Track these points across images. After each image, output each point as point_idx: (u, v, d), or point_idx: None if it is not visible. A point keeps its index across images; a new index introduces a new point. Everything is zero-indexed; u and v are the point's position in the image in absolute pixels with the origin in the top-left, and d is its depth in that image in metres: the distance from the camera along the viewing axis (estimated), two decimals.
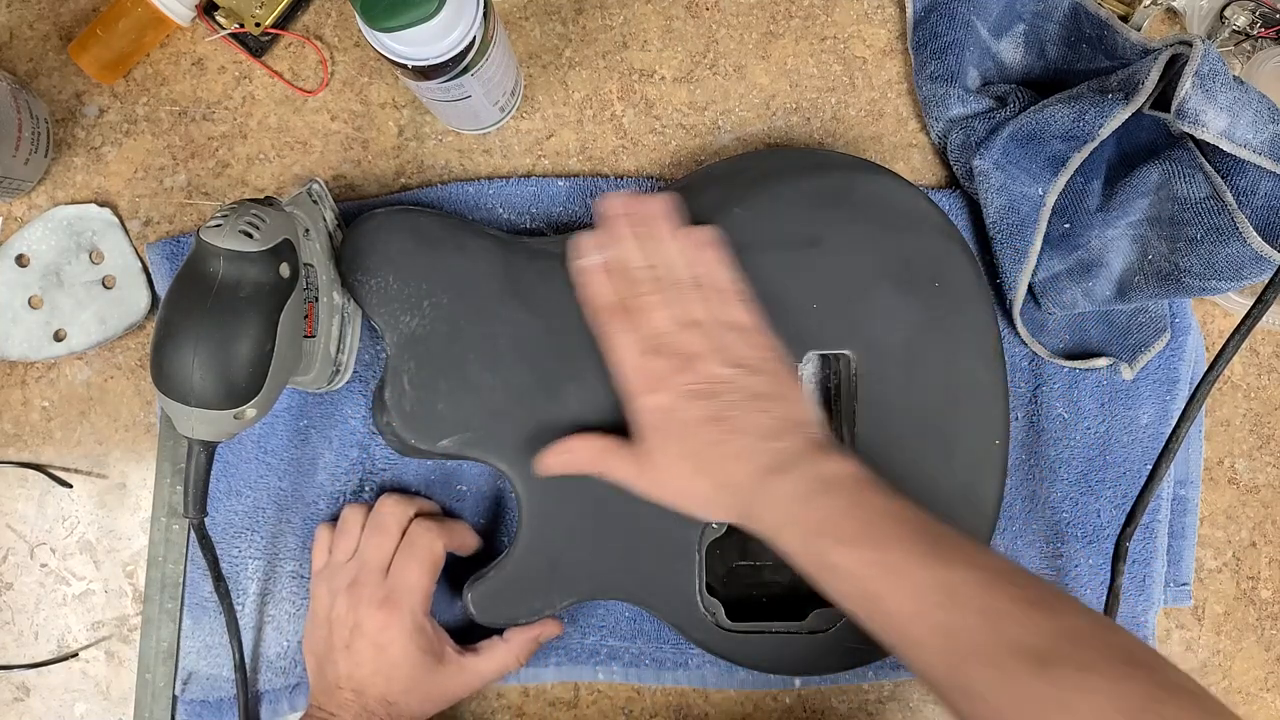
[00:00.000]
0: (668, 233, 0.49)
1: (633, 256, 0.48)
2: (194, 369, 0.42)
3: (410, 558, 0.51)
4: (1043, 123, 0.53)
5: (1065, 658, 0.36)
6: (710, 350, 0.46)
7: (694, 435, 0.46)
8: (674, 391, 0.46)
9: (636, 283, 0.48)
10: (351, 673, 0.50)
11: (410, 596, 0.50)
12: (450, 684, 0.52)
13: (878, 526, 0.42)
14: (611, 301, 0.48)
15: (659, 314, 0.47)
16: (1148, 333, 0.58)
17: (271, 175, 0.59)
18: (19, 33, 0.58)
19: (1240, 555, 0.62)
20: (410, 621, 0.50)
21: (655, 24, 0.60)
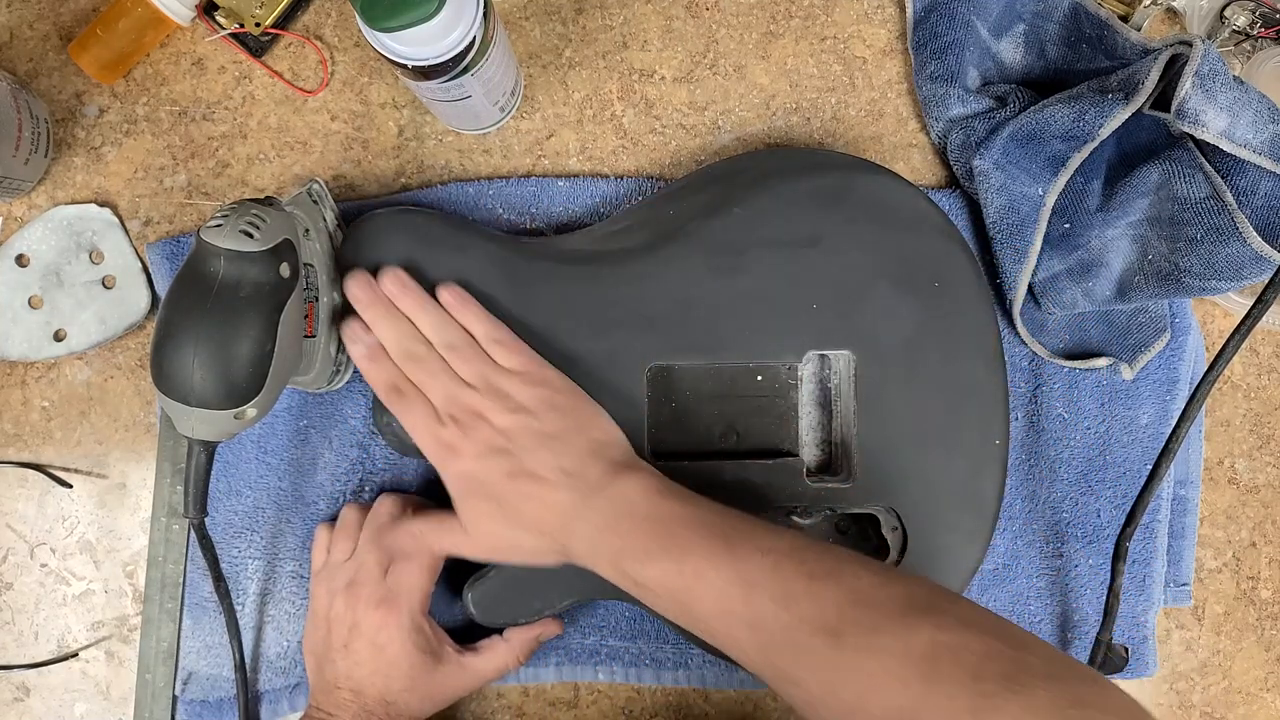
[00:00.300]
0: (417, 305, 0.50)
1: (391, 337, 0.49)
2: (194, 369, 0.42)
3: (407, 559, 0.51)
4: (1043, 123, 0.53)
5: (854, 624, 0.37)
6: (490, 404, 0.48)
7: (500, 494, 0.47)
8: (470, 455, 0.47)
9: (404, 360, 0.49)
10: (350, 672, 0.50)
11: (409, 597, 0.50)
12: (449, 683, 0.52)
13: (674, 536, 0.43)
14: (389, 385, 0.49)
15: (433, 384, 0.48)
16: (1148, 333, 0.58)
17: (271, 175, 0.59)
18: (19, 33, 0.58)
19: (1240, 555, 0.62)
20: (409, 621, 0.50)
21: (655, 24, 0.60)
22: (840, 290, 0.52)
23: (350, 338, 0.50)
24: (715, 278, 0.52)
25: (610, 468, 0.47)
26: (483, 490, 0.47)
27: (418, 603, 0.51)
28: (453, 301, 0.50)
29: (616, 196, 0.58)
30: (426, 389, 0.49)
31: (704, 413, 0.55)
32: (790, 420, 0.55)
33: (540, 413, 0.48)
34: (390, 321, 0.49)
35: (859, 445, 0.52)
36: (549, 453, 0.47)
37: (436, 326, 0.50)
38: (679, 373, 0.55)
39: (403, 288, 0.50)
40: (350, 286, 0.50)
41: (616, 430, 0.49)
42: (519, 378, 0.49)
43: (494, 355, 0.49)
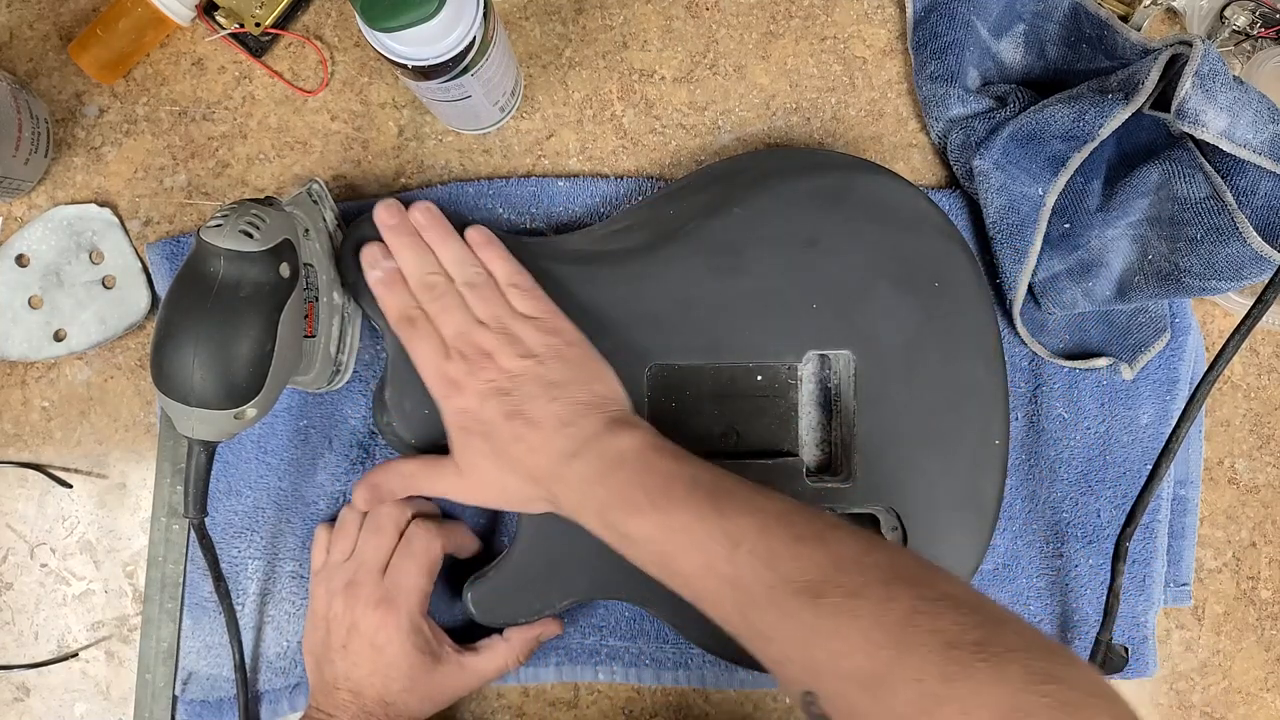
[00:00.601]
0: (441, 238, 0.50)
1: (412, 265, 0.49)
2: (194, 369, 0.42)
3: (408, 558, 0.51)
4: (1043, 123, 0.53)
5: (835, 586, 0.37)
6: (501, 346, 0.48)
7: (496, 434, 0.47)
8: (472, 392, 0.47)
9: (421, 290, 0.49)
10: (349, 673, 0.50)
11: (407, 597, 0.50)
12: (449, 683, 0.52)
13: (665, 492, 0.43)
14: (401, 313, 0.49)
15: (446, 318, 0.48)
16: (1148, 333, 0.58)
17: (271, 175, 0.59)
18: (19, 33, 0.58)
19: (1240, 555, 0.62)
20: (407, 622, 0.50)
21: (655, 24, 0.60)
22: (840, 290, 0.52)
23: (369, 261, 0.50)
24: (715, 278, 0.52)
25: (607, 422, 0.46)
26: (479, 428, 0.47)
27: (416, 603, 0.51)
28: (478, 240, 0.50)
29: (616, 196, 0.58)
30: (439, 321, 0.49)
31: (704, 413, 0.55)
32: (790, 420, 0.55)
33: (547, 360, 0.48)
34: (413, 250, 0.49)
35: (859, 445, 0.52)
36: (549, 400, 0.47)
37: (458, 262, 0.50)
38: (679, 373, 0.55)
39: (431, 219, 0.50)
40: (379, 211, 0.50)
41: (619, 388, 0.49)
42: (532, 323, 0.49)
43: (511, 298, 0.49)
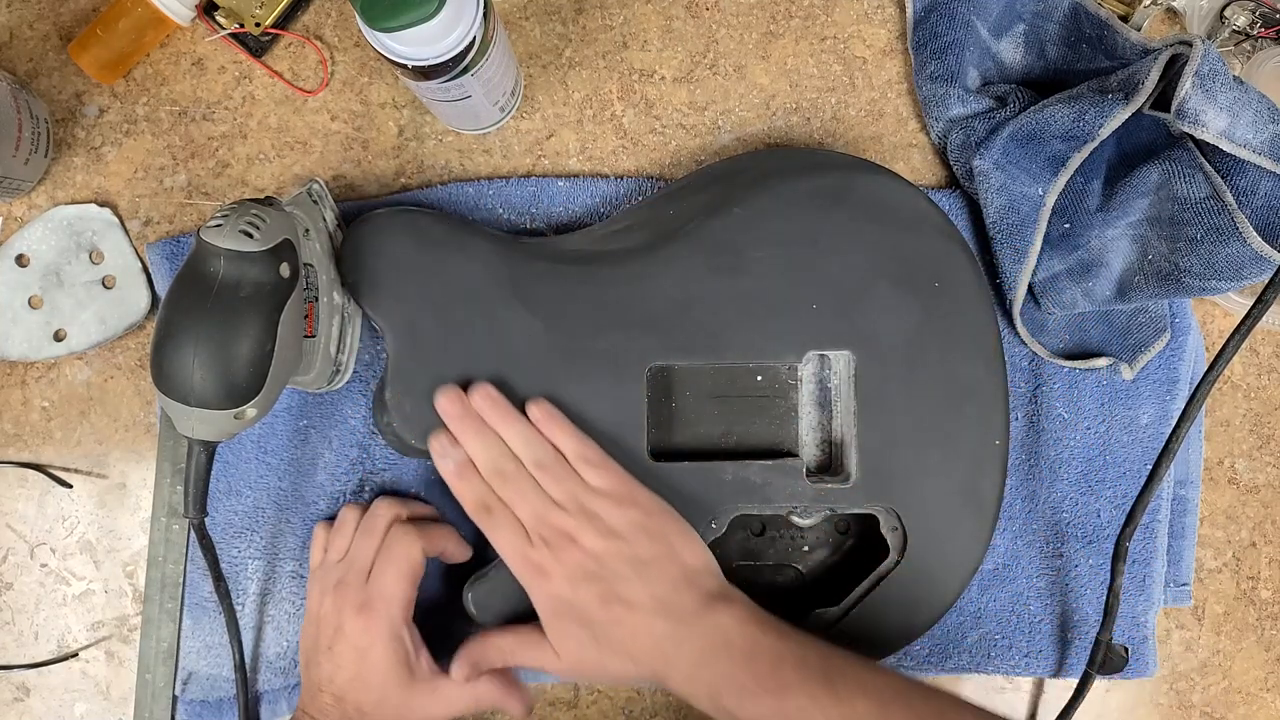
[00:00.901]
0: (505, 419, 0.49)
1: (480, 453, 0.49)
2: (194, 369, 0.42)
3: (387, 563, 0.50)
4: (1043, 123, 0.53)
5: None
6: (582, 526, 0.47)
7: (593, 620, 0.46)
8: (561, 578, 0.46)
9: (493, 476, 0.49)
10: (333, 676, 0.49)
11: (387, 604, 0.49)
12: (417, 704, 0.50)
13: (774, 674, 0.43)
14: (478, 502, 0.49)
15: (523, 503, 0.48)
16: (1148, 333, 0.58)
17: (271, 175, 0.59)
18: (19, 33, 0.58)
19: (1240, 555, 0.62)
20: (387, 628, 0.49)
21: (655, 24, 0.60)
22: (840, 290, 0.52)
23: (439, 453, 0.49)
24: (715, 278, 0.52)
25: (704, 597, 0.46)
26: (574, 614, 0.46)
27: (398, 610, 0.49)
28: (542, 417, 0.50)
29: (616, 196, 0.58)
30: (515, 507, 0.48)
31: (704, 413, 0.55)
32: (790, 420, 0.55)
33: (632, 537, 0.47)
34: (480, 437, 0.49)
35: (859, 445, 0.52)
36: (642, 580, 0.46)
37: (526, 443, 0.49)
38: (679, 373, 0.55)
39: (493, 403, 0.49)
40: (440, 401, 0.49)
41: (706, 554, 0.48)
42: (609, 499, 0.48)
43: (584, 474, 0.48)
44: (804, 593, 0.56)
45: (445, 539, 0.53)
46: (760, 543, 0.56)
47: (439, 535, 0.53)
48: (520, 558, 0.47)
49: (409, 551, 0.50)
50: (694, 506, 0.52)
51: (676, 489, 0.51)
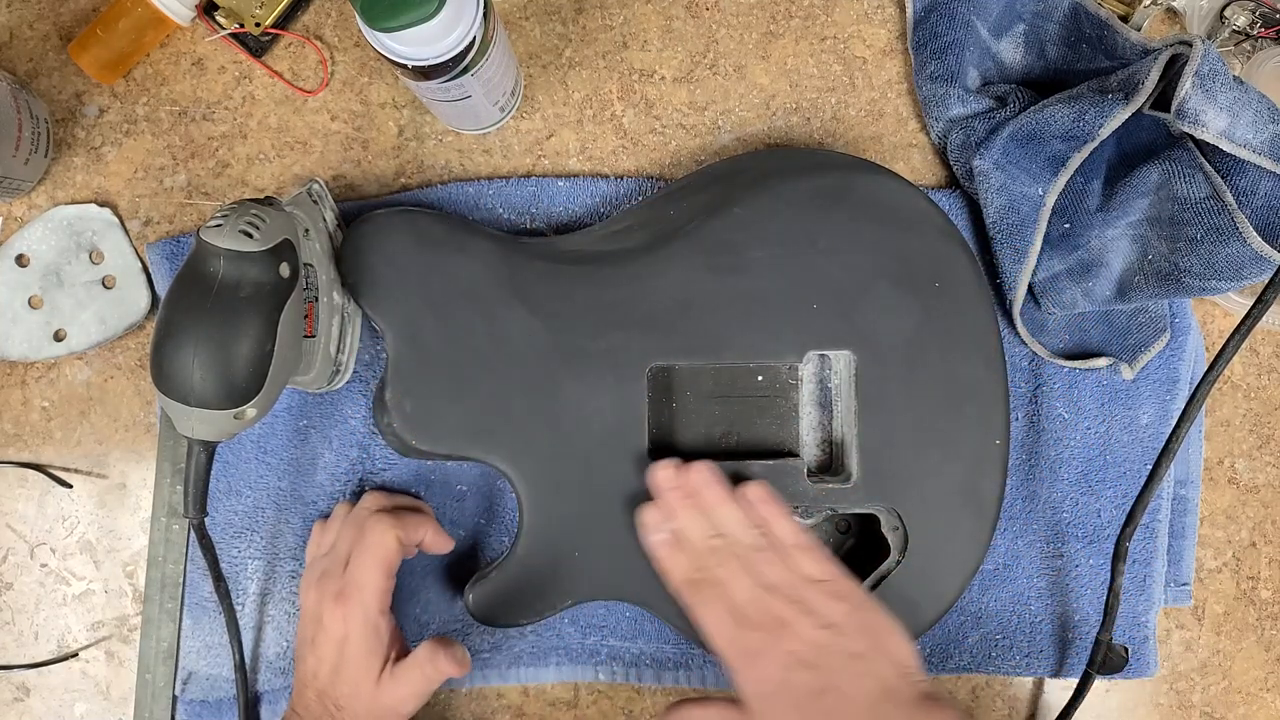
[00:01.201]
0: (721, 498, 0.49)
1: (694, 529, 0.48)
2: (194, 369, 0.42)
3: (361, 552, 0.50)
4: (1043, 123, 0.53)
5: None
6: (798, 614, 0.46)
7: (807, 710, 0.44)
8: (774, 664, 0.45)
9: (706, 554, 0.47)
10: (316, 670, 0.49)
11: (361, 593, 0.49)
12: (386, 699, 0.49)
13: None
14: (687, 577, 0.48)
15: (736, 584, 0.46)
16: (1148, 333, 0.58)
17: (271, 175, 0.59)
18: (19, 33, 0.58)
19: (1240, 555, 0.62)
20: (361, 617, 0.49)
21: (655, 24, 0.60)
22: (840, 290, 0.52)
23: (652, 525, 0.49)
24: (715, 278, 0.52)
25: (919, 698, 0.44)
26: (789, 703, 0.44)
27: (371, 598, 0.49)
28: (759, 497, 0.49)
29: (616, 196, 0.58)
30: (729, 587, 0.47)
31: (704, 413, 0.55)
32: (790, 420, 0.55)
33: (848, 630, 0.45)
34: (694, 513, 0.48)
35: (859, 445, 0.52)
36: (857, 675, 0.44)
37: (741, 525, 0.48)
38: (679, 373, 0.55)
39: (710, 480, 0.49)
40: (659, 474, 0.49)
41: (910, 648, 0.47)
42: (823, 588, 0.46)
43: (799, 561, 0.47)
44: None
45: (423, 528, 0.52)
46: None
47: (416, 524, 0.52)
48: (730, 639, 0.46)
49: (383, 539, 0.50)
50: None
51: None
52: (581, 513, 0.51)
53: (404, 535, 0.51)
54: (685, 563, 0.48)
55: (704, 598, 0.47)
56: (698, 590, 0.47)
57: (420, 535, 0.52)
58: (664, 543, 0.49)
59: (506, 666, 0.57)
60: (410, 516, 0.52)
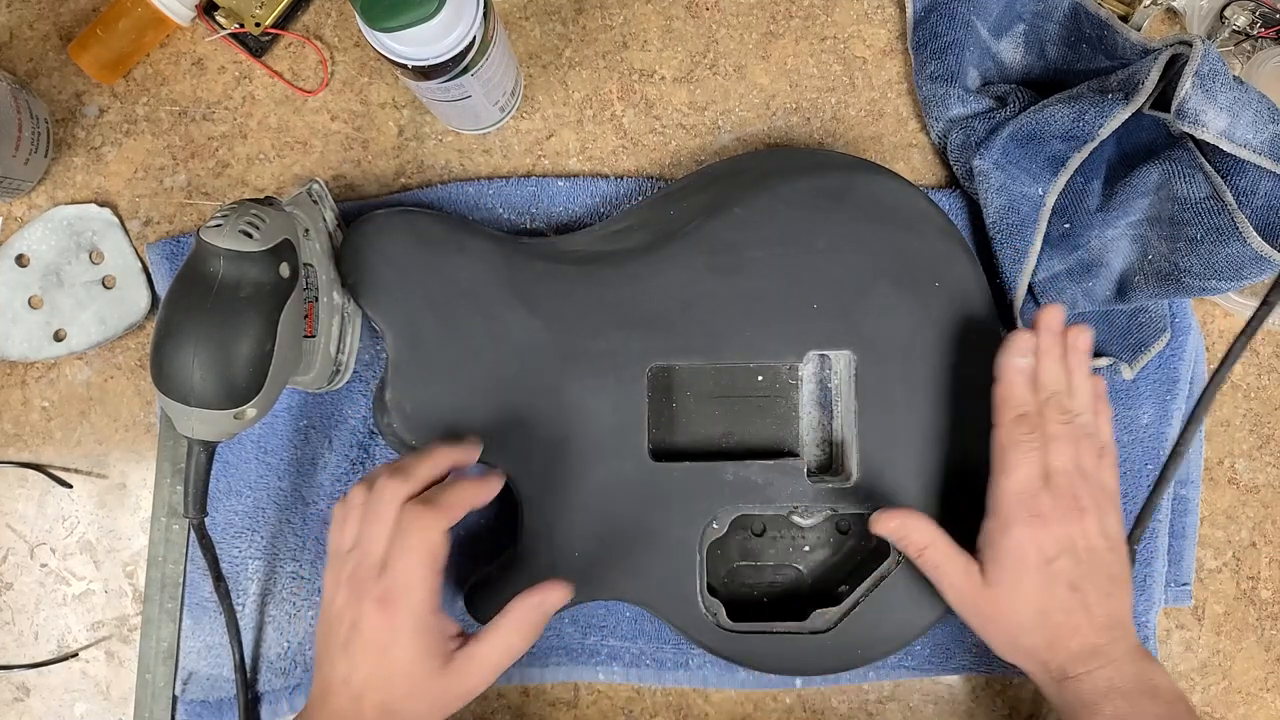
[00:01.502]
0: (1085, 372, 0.50)
1: (1052, 376, 0.49)
2: (194, 369, 0.42)
3: (404, 550, 0.45)
4: (1043, 123, 0.53)
5: None
6: (1093, 510, 0.47)
7: (1052, 591, 0.47)
8: (1055, 539, 0.47)
9: (1050, 403, 0.48)
10: (349, 676, 0.45)
11: (409, 595, 0.44)
12: (459, 685, 0.46)
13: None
14: (1024, 410, 0.48)
15: (1063, 447, 0.48)
16: (1148, 333, 0.58)
17: (271, 175, 0.59)
18: (19, 33, 0.58)
19: (1240, 555, 0.62)
20: (412, 622, 0.44)
21: (655, 24, 0.60)
22: (840, 290, 0.52)
23: (1018, 349, 0.49)
24: (715, 278, 0.52)
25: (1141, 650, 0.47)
26: (1042, 577, 0.47)
27: (421, 601, 0.45)
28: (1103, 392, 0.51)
29: (616, 196, 0.58)
30: (1053, 447, 0.48)
31: (704, 413, 0.55)
32: (791, 420, 0.55)
33: (1116, 551, 0.48)
34: (1060, 366, 0.49)
35: (859, 445, 0.52)
36: (1106, 594, 0.47)
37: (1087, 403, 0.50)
38: (679, 373, 0.55)
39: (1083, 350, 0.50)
40: (1050, 312, 0.50)
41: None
42: (1114, 503, 0.49)
43: (1106, 467, 0.49)
44: (804, 593, 0.56)
45: (464, 498, 0.47)
46: (761, 543, 0.56)
47: (456, 500, 0.47)
48: (1031, 493, 0.47)
49: (426, 536, 0.45)
50: (694, 506, 0.52)
51: (677, 489, 0.52)
52: (581, 513, 0.51)
53: (452, 519, 0.46)
54: (1029, 399, 0.49)
55: (1029, 441, 0.48)
56: (1026, 428, 0.48)
57: (465, 507, 0.47)
58: (1021, 369, 0.49)
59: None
60: (449, 494, 0.47)
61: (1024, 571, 0.47)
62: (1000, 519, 0.48)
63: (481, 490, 0.48)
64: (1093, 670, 0.46)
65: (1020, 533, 0.47)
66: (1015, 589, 0.47)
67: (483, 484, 0.49)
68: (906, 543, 0.50)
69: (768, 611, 0.55)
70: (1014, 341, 0.49)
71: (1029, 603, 0.47)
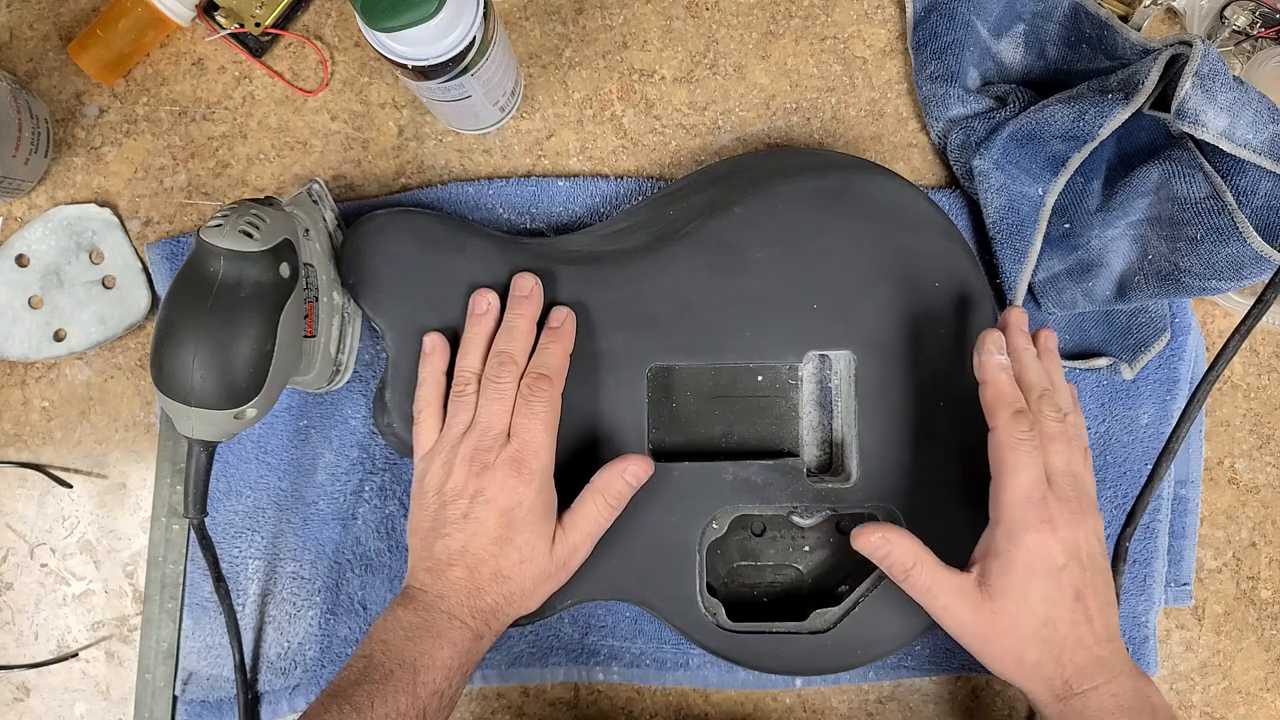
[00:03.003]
0: (1061, 372, 0.49)
1: (1034, 374, 0.48)
2: (194, 369, 0.42)
3: (530, 416, 0.48)
4: (1043, 123, 0.53)
5: None
6: (1091, 514, 0.46)
7: (1060, 601, 0.45)
8: (1060, 543, 0.45)
9: (1040, 401, 0.47)
10: (466, 545, 0.47)
11: (537, 457, 0.48)
12: (562, 551, 0.49)
13: None
14: (1019, 408, 0.46)
15: (1060, 447, 0.46)
16: (1148, 333, 0.58)
17: (271, 175, 0.59)
18: (19, 33, 0.58)
19: (1240, 555, 0.62)
20: (539, 482, 0.48)
21: (655, 24, 0.60)
22: (840, 290, 0.52)
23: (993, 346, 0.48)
24: (715, 278, 0.52)
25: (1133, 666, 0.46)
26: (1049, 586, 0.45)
27: (547, 462, 0.48)
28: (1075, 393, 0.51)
29: (616, 196, 0.58)
30: (1051, 447, 0.46)
31: (704, 413, 0.55)
32: (790, 420, 0.55)
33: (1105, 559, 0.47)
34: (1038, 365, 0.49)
35: (859, 445, 0.52)
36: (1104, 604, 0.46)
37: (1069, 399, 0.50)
38: (679, 373, 0.55)
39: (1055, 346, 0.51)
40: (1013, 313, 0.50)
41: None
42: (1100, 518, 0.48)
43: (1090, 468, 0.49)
44: (804, 593, 0.56)
45: (564, 361, 0.50)
46: (760, 543, 0.56)
47: (561, 364, 0.50)
48: (1038, 498, 0.45)
49: (548, 402, 0.48)
50: (695, 506, 0.52)
51: (677, 489, 0.52)
52: None
53: (560, 387, 0.49)
54: (1020, 396, 0.47)
55: (1029, 440, 0.46)
56: (1025, 425, 0.46)
57: (564, 374, 0.50)
58: (1004, 366, 0.47)
59: (506, 666, 0.57)
60: (551, 362, 0.50)
61: (1033, 581, 0.45)
62: (1007, 526, 0.45)
63: (566, 352, 0.51)
64: (1099, 686, 0.45)
65: (1032, 540, 0.45)
66: (1022, 601, 0.45)
67: (566, 343, 0.51)
68: (889, 563, 0.47)
69: (767, 611, 0.55)
70: (987, 340, 0.48)
71: (1034, 614, 0.45)
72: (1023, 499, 0.45)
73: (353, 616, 0.56)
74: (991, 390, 0.47)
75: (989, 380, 0.47)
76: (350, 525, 0.57)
